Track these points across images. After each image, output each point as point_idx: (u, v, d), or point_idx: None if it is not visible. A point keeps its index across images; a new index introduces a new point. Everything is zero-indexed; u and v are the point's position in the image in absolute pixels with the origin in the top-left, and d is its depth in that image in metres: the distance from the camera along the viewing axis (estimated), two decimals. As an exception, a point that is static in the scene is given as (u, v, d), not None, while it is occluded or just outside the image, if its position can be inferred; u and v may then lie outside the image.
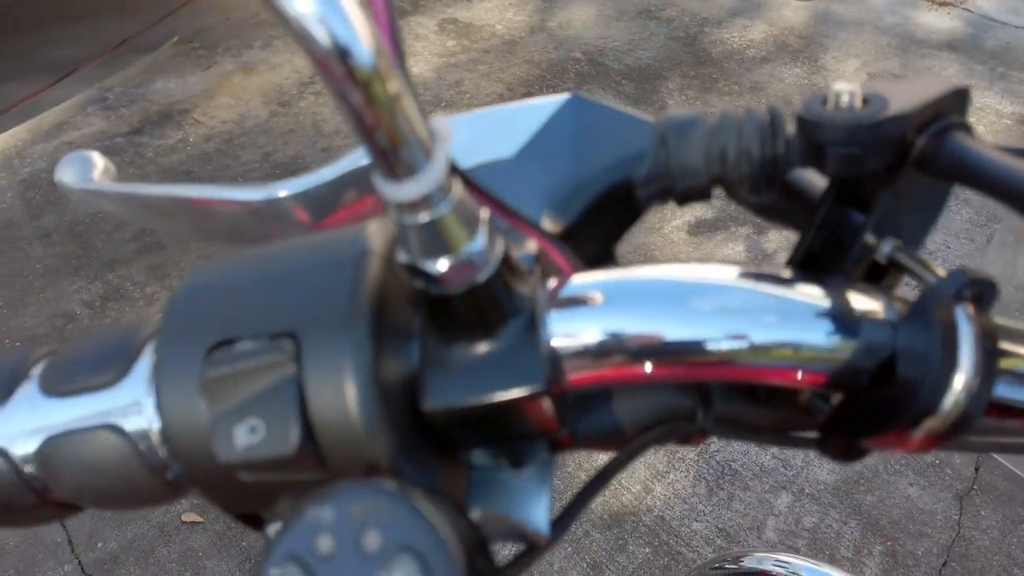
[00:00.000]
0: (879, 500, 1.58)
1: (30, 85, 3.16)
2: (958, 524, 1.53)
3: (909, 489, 1.59)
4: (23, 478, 0.23)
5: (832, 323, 0.22)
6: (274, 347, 0.20)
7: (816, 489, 1.61)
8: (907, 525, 1.54)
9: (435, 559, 0.17)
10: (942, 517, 1.55)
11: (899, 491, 1.59)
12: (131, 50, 3.35)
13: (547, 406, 0.22)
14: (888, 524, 1.54)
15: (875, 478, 1.62)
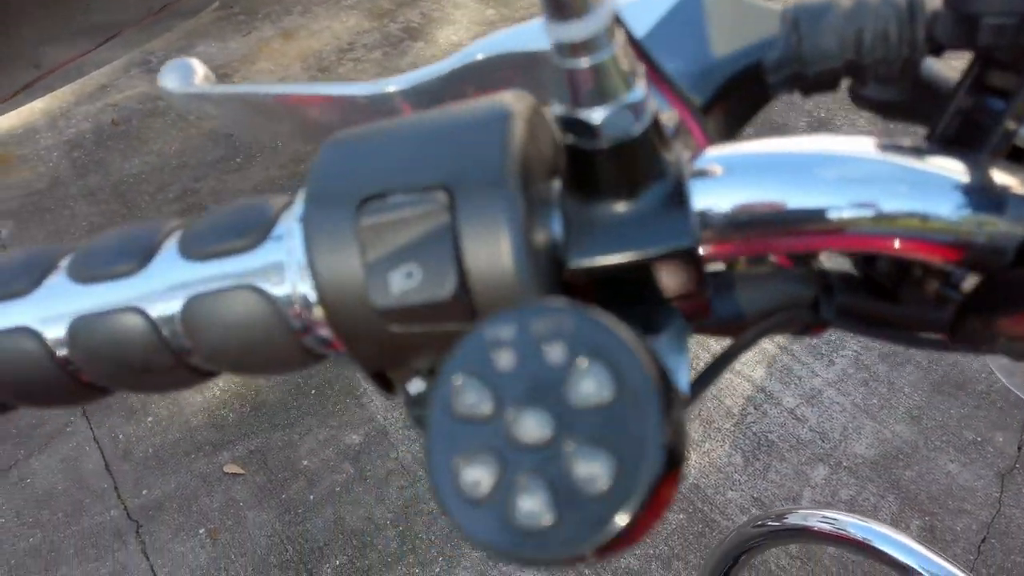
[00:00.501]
0: (918, 475, 1.57)
1: (74, 49, 3.20)
2: (999, 501, 1.52)
3: (949, 465, 1.58)
4: (162, 339, 0.23)
5: (973, 196, 0.21)
6: (428, 198, 0.20)
7: (854, 463, 1.60)
8: (946, 501, 1.52)
9: (627, 366, 0.16)
10: (982, 494, 1.53)
11: (939, 467, 1.58)
12: (173, 15, 3.37)
13: (690, 268, 0.22)
14: (927, 499, 1.53)
15: (915, 454, 1.60)
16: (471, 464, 0.17)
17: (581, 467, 0.16)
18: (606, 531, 0.16)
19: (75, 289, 0.24)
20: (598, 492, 0.16)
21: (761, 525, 0.81)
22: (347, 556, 1.50)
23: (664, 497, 0.17)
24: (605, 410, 0.16)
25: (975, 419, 1.65)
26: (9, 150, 2.67)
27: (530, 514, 0.16)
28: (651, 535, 1.50)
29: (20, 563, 1.53)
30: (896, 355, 1.78)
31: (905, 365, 1.77)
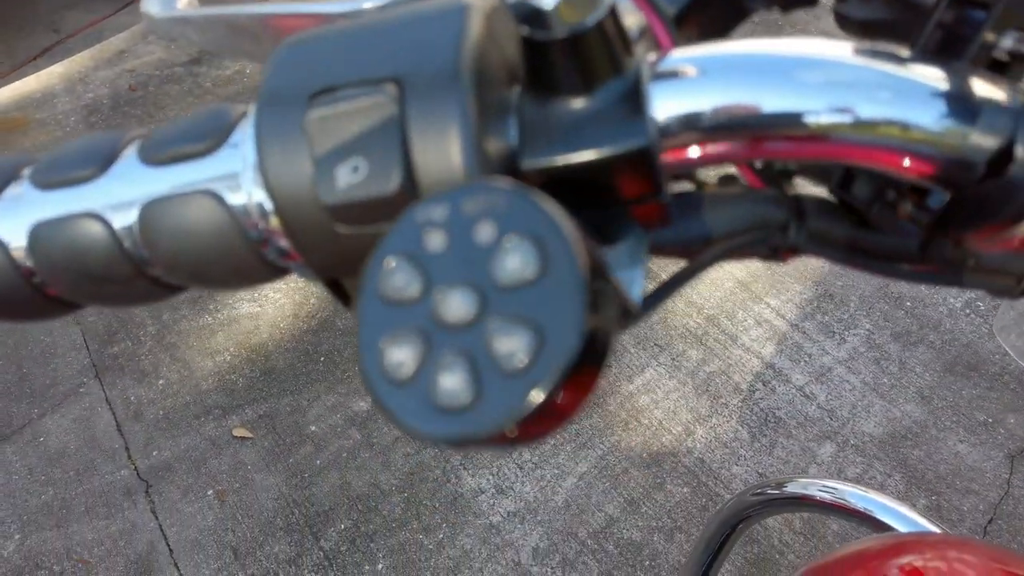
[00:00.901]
0: (926, 455, 1.55)
1: (93, 13, 3.21)
2: (1008, 483, 1.50)
3: (959, 446, 1.56)
4: (122, 248, 0.23)
5: (949, 105, 0.20)
6: (377, 90, 0.19)
7: (861, 441, 1.59)
8: (954, 481, 1.51)
9: (555, 243, 0.16)
10: (991, 475, 1.51)
11: (948, 447, 1.56)
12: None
13: (646, 170, 0.21)
14: (934, 479, 1.51)
15: (923, 433, 1.59)
16: (396, 345, 0.17)
17: (501, 344, 0.16)
18: (522, 406, 0.15)
19: (36, 195, 0.24)
20: (516, 368, 0.16)
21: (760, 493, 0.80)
22: (352, 520, 1.52)
23: (584, 385, 0.16)
24: (530, 289, 0.16)
25: (987, 400, 1.63)
26: (28, 114, 2.68)
27: (450, 392, 0.16)
28: (653, 506, 1.50)
29: (32, 519, 1.56)
30: (909, 335, 1.76)
31: (918, 345, 1.75)
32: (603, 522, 1.49)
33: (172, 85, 2.78)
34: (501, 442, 0.16)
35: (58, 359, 1.85)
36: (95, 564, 1.48)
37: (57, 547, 1.51)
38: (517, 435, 0.16)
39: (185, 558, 1.48)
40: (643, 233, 0.23)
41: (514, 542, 1.47)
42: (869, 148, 0.21)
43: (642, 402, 1.68)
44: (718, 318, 1.84)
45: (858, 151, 0.21)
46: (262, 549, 1.49)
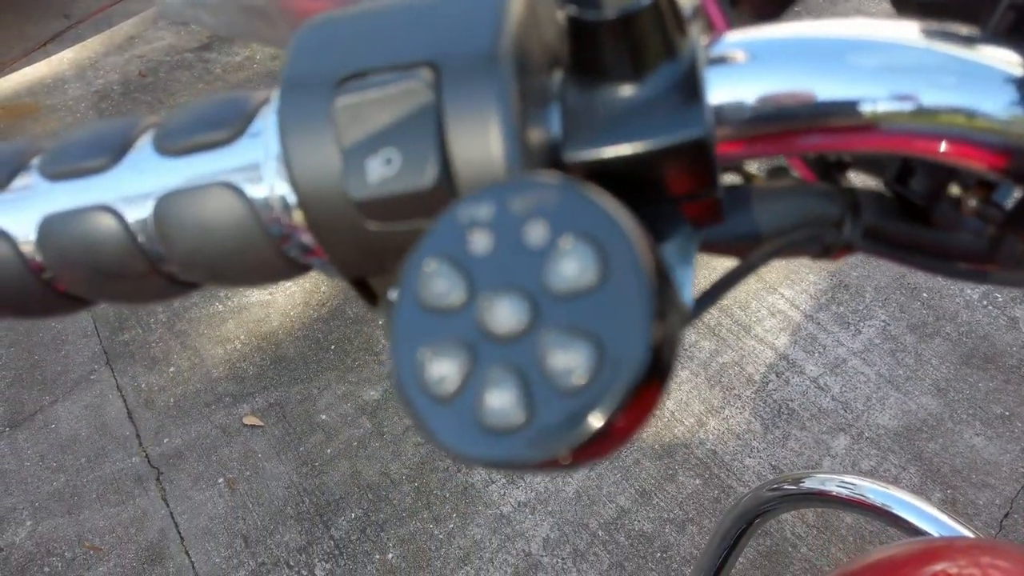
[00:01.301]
0: (942, 448, 1.54)
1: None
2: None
3: (975, 439, 1.54)
4: (135, 242, 0.22)
5: (1021, 91, 0.19)
6: (411, 75, 0.18)
7: (876, 433, 1.57)
8: (970, 475, 1.49)
9: (617, 248, 0.14)
10: (1008, 469, 1.50)
11: (964, 440, 1.54)
12: (200, -34, 3.34)
13: (701, 163, 0.20)
14: (950, 472, 1.50)
15: (939, 426, 1.57)
16: (438, 357, 0.15)
17: (557, 359, 0.14)
18: (580, 431, 0.14)
19: (45, 186, 0.22)
20: (573, 387, 0.14)
21: (777, 488, 0.79)
22: (363, 509, 1.51)
23: (646, 403, 0.15)
24: (588, 297, 0.15)
25: (1004, 393, 1.61)
26: (39, 99, 2.68)
27: (499, 412, 0.14)
28: (665, 498, 1.49)
29: (44, 505, 1.56)
30: (925, 326, 1.74)
31: (934, 337, 1.73)
32: (614, 513, 1.48)
33: (182, 71, 2.77)
34: (553, 467, 0.15)
35: (69, 346, 1.85)
36: (107, 551, 1.48)
37: (69, 534, 1.51)
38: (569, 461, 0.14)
39: (196, 545, 1.48)
40: (693, 231, 0.21)
41: (525, 532, 1.46)
42: (932, 138, 0.19)
43: (654, 393, 1.67)
44: (731, 308, 1.83)
45: (920, 142, 0.20)
46: (272, 537, 1.49)
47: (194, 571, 1.45)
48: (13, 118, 2.60)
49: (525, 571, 1.41)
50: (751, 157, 0.21)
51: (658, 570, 1.41)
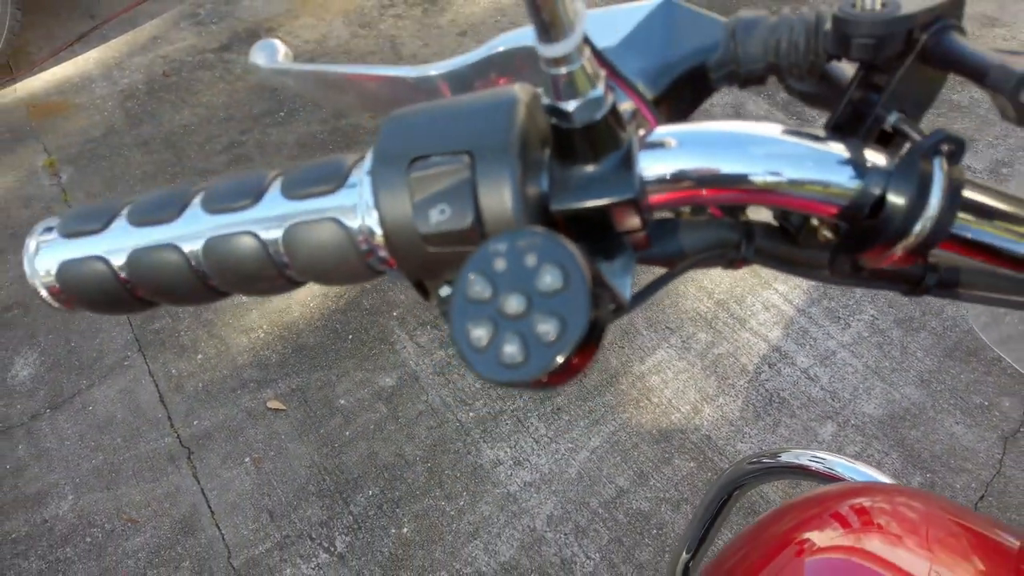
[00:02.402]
0: (923, 435, 1.63)
1: (127, 0, 3.30)
2: (1000, 463, 1.58)
3: (955, 427, 1.64)
4: (269, 255, 0.32)
5: (847, 170, 0.29)
6: (457, 159, 0.28)
7: (861, 421, 1.67)
8: (948, 460, 1.59)
9: (572, 268, 0.25)
10: (984, 455, 1.59)
11: (944, 428, 1.64)
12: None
13: (635, 212, 0.30)
14: (930, 457, 1.60)
15: (921, 415, 1.67)
16: (477, 327, 0.26)
17: (540, 328, 0.25)
18: (550, 365, 0.25)
19: (207, 218, 0.33)
20: (548, 343, 0.25)
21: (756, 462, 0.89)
22: (379, 487, 1.63)
23: (588, 353, 0.26)
24: (558, 295, 0.25)
25: (984, 384, 1.71)
26: (67, 98, 2.79)
27: (510, 356, 0.25)
28: (661, 479, 1.59)
29: (84, 481, 1.68)
30: (912, 321, 1.84)
31: (920, 331, 1.82)
32: (614, 493, 1.59)
33: (204, 71, 2.88)
34: (538, 385, 0.25)
35: (103, 334, 1.97)
36: (143, 523, 1.60)
37: (108, 507, 1.63)
38: (547, 381, 0.25)
39: (225, 519, 1.60)
40: (632, 252, 0.32)
41: (530, 510, 1.57)
42: (795, 198, 0.30)
43: (653, 382, 1.77)
44: (728, 303, 1.93)
45: (788, 200, 0.30)
46: (296, 512, 1.60)
47: (224, 542, 1.56)
48: (43, 116, 2.72)
49: (530, 545, 1.52)
50: (677, 205, 0.31)
51: (654, 546, 1.51)
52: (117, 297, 0.35)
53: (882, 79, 0.31)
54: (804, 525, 0.51)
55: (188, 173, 2.42)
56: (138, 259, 0.33)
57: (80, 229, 0.34)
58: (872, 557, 0.47)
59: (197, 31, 3.10)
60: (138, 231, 0.34)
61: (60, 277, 0.35)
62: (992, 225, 0.31)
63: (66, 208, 2.35)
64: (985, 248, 0.31)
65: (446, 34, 2.97)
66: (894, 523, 0.51)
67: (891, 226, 0.28)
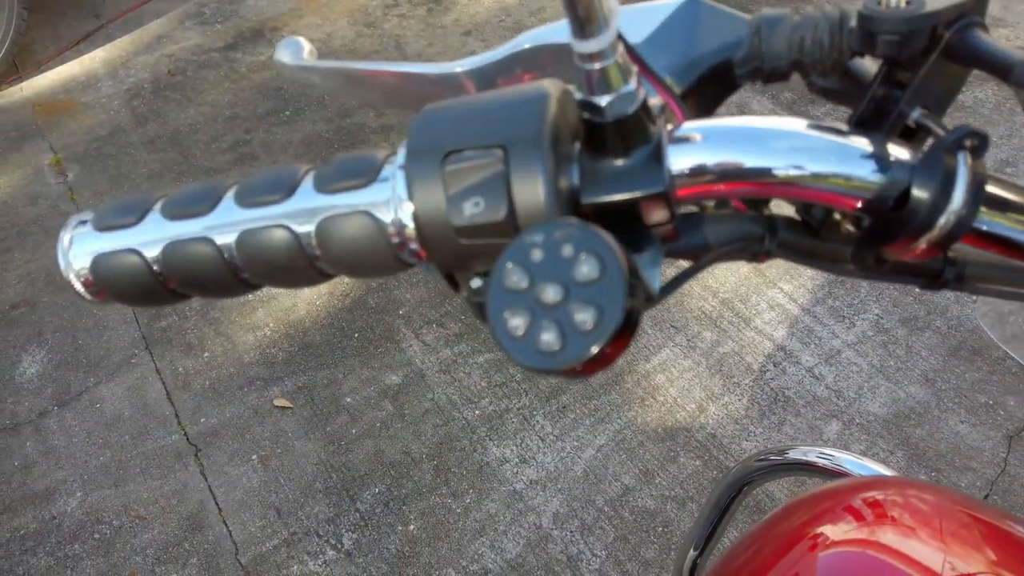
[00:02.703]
0: (928, 434, 1.64)
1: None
2: (1004, 461, 1.58)
3: (959, 426, 1.64)
4: (301, 247, 0.33)
5: (870, 163, 0.30)
6: (490, 153, 0.29)
7: (867, 420, 1.67)
8: (953, 459, 1.60)
9: (609, 258, 0.26)
10: (989, 454, 1.60)
11: (949, 427, 1.65)
12: (225, -33, 3.45)
13: (664, 205, 0.31)
14: (934, 456, 1.60)
15: (926, 414, 1.67)
16: (515, 316, 0.26)
17: (577, 317, 0.26)
18: (586, 354, 0.25)
19: (240, 212, 0.33)
20: (585, 331, 0.25)
21: (764, 459, 0.90)
22: (385, 485, 1.63)
23: (623, 342, 0.26)
24: (595, 285, 0.26)
25: (989, 383, 1.71)
26: (74, 97, 2.80)
27: (547, 343, 0.26)
28: (667, 477, 1.60)
29: (92, 478, 1.69)
30: (916, 320, 1.84)
31: (925, 330, 1.82)
32: (619, 491, 1.59)
33: (209, 70, 2.88)
34: (572, 373, 0.26)
35: (110, 332, 1.98)
36: (151, 520, 1.61)
37: (115, 504, 1.64)
38: (581, 369, 0.25)
39: (233, 516, 1.60)
40: (660, 245, 0.32)
41: (536, 508, 1.58)
42: (818, 191, 0.30)
43: (658, 380, 1.78)
44: (733, 302, 1.93)
45: (811, 193, 0.31)
46: (303, 509, 1.61)
47: (231, 539, 1.57)
48: (50, 114, 2.73)
49: (536, 543, 1.53)
50: (703, 199, 0.32)
51: (659, 544, 1.52)
52: (150, 289, 0.35)
53: (905, 75, 0.31)
54: (816, 520, 0.52)
55: (194, 172, 2.43)
56: (172, 252, 0.34)
57: (114, 223, 0.35)
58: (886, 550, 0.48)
59: (202, 30, 3.11)
60: (172, 224, 0.34)
61: (94, 270, 0.35)
62: (1013, 219, 0.32)
63: (72, 207, 2.36)
64: (1006, 242, 0.32)
65: (450, 34, 2.97)
66: (907, 515, 0.52)
67: (916, 219, 0.29)
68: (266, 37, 3.04)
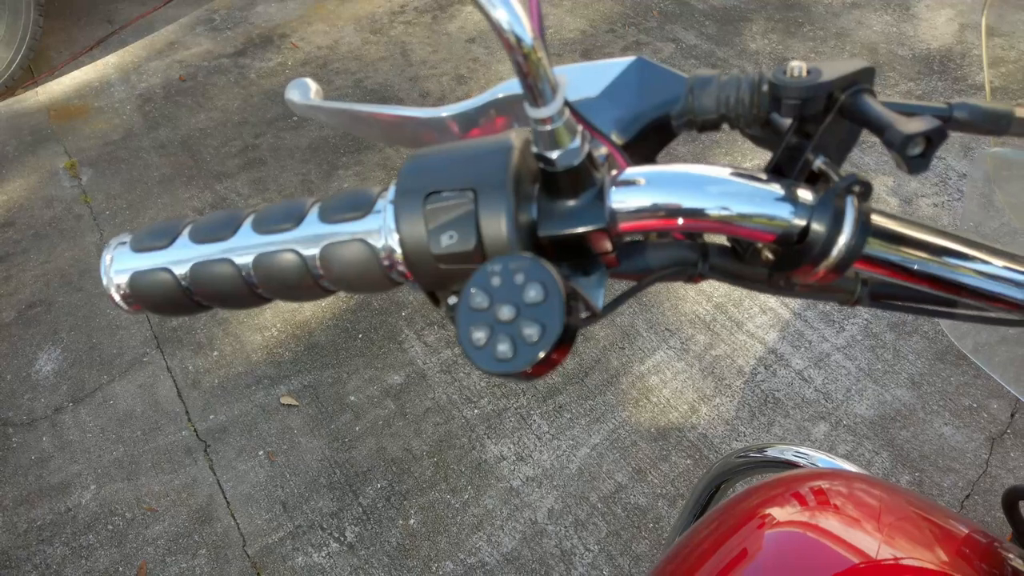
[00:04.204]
0: (913, 436, 1.69)
1: (145, 5, 3.39)
2: (986, 463, 1.64)
3: (944, 428, 1.70)
4: (307, 268, 0.39)
5: (780, 205, 0.36)
6: (463, 195, 0.35)
7: (853, 422, 1.73)
8: (937, 459, 1.65)
9: (551, 286, 0.32)
10: (972, 456, 1.65)
11: (934, 429, 1.70)
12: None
13: (606, 238, 0.37)
14: (919, 457, 1.65)
15: (912, 416, 1.72)
16: (477, 330, 0.33)
17: (525, 331, 0.32)
18: (532, 360, 0.31)
19: (256, 237, 0.40)
20: (532, 343, 0.32)
21: (744, 456, 0.95)
22: (387, 481, 1.69)
23: (563, 350, 0.32)
24: (540, 306, 0.32)
25: (973, 387, 1.76)
26: (87, 101, 2.87)
27: (502, 353, 0.32)
28: (659, 475, 1.65)
29: (105, 472, 1.75)
30: (905, 325, 1.89)
31: (912, 335, 1.88)
32: (612, 488, 1.65)
33: (219, 76, 2.95)
34: (524, 376, 0.32)
35: (123, 331, 2.05)
36: (162, 512, 1.67)
37: (128, 497, 1.71)
38: (531, 372, 0.32)
39: (240, 509, 1.67)
40: (605, 269, 0.38)
41: (532, 504, 1.64)
42: (740, 227, 0.36)
43: (652, 382, 1.84)
44: (726, 306, 1.99)
45: (736, 229, 0.36)
46: (308, 503, 1.67)
47: (239, 531, 1.64)
48: (65, 119, 2.80)
49: (532, 537, 1.59)
50: (644, 232, 0.38)
51: (650, 539, 1.58)
52: (178, 302, 0.42)
53: (812, 128, 0.37)
54: (767, 503, 0.58)
55: (204, 176, 2.50)
56: (198, 270, 0.40)
57: (149, 245, 0.41)
58: (826, 533, 0.54)
59: (213, 37, 3.18)
60: (199, 247, 0.40)
61: (131, 285, 0.42)
62: (898, 249, 0.38)
63: (86, 209, 2.43)
64: (894, 266, 0.38)
65: (455, 41, 3.04)
66: (850, 504, 0.57)
67: (814, 250, 0.35)
68: (275, 44, 3.11)
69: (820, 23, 2.95)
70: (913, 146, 0.32)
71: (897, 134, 0.32)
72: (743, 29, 2.96)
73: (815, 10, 3.03)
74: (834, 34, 2.88)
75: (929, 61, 2.74)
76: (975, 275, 0.40)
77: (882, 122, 0.33)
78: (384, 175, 2.44)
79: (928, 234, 0.39)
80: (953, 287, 0.40)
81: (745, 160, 2.36)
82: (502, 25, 0.32)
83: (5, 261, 2.28)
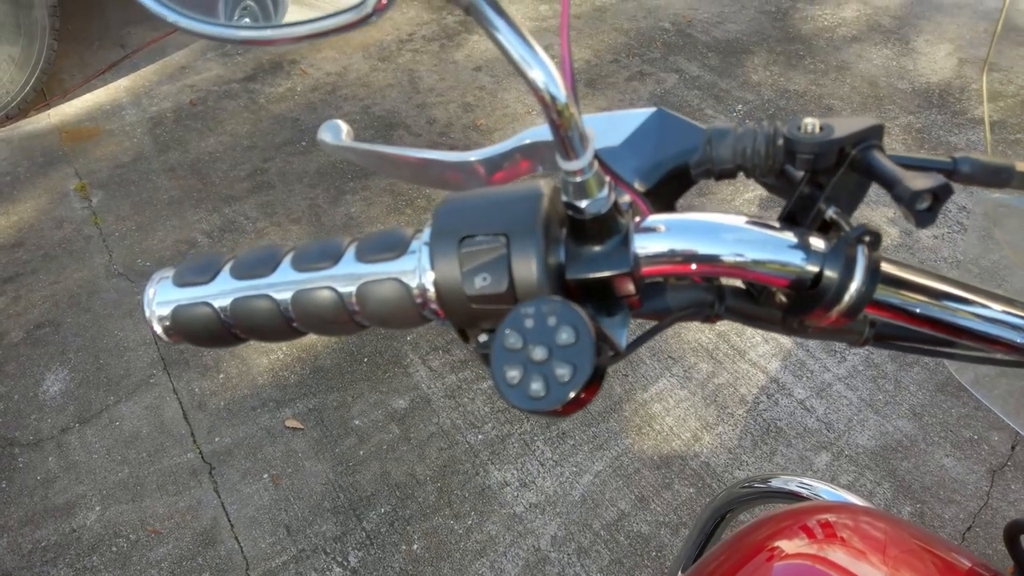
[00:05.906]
0: (914, 467, 1.70)
1: (156, 30, 3.44)
2: (987, 495, 1.64)
3: (945, 460, 1.71)
4: (344, 304, 0.41)
5: (794, 252, 0.38)
6: (496, 240, 0.37)
7: (855, 452, 1.74)
8: (938, 491, 1.66)
9: (582, 329, 0.34)
10: (973, 487, 1.66)
11: (935, 460, 1.71)
12: (246, 1, 3.58)
13: (630, 281, 0.39)
14: (920, 489, 1.66)
15: (913, 447, 1.73)
16: (511, 369, 0.35)
17: (558, 371, 0.34)
18: (563, 399, 0.33)
19: (295, 274, 0.42)
20: (564, 383, 0.34)
21: (748, 486, 0.97)
22: (391, 505, 1.70)
23: (592, 390, 0.34)
24: (571, 348, 0.34)
25: (974, 419, 1.78)
26: (99, 124, 2.91)
27: (535, 391, 0.34)
28: (662, 503, 1.66)
29: (110, 493, 1.76)
30: (906, 356, 1.91)
31: (913, 366, 1.89)
32: (615, 516, 1.66)
33: (229, 100, 3.00)
34: (555, 414, 0.34)
35: (130, 352, 2.06)
36: (166, 534, 1.68)
37: (133, 519, 1.71)
38: (561, 411, 0.34)
39: (244, 532, 1.67)
40: (628, 310, 0.40)
41: (535, 530, 1.64)
42: (755, 273, 0.38)
43: (655, 409, 1.85)
44: (728, 334, 2.00)
45: (751, 275, 0.39)
46: (311, 527, 1.67)
47: (243, 555, 1.64)
48: (76, 141, 2.84)
49: (535, 564, 1.59)
50: (665, 275, 0.40)
51: (653, 567, 1.58)
52: (218, 335, 0.44)
53: (825, 180, 0.39)
54: (776, 536, 0.59)
55: (213, 199, 2.53)
56: (238, 305, 0.42)
57: (191, 280, 0.43)
58: (834, 566, 0.55)
59: (223, 62, 3.23)
60: (239, 283, 0.42)
61: (173, 317, 0.44)
62: (905, 294, 0.40)
63: (95, 231, 2.45)
64: (902, 311, 0.40)
65: (461, 69, 3.08)
66: (856, 537, 0.59)
67: (827, 296, 0.37)
68: (284, 69, 3.16)
69: (821, 56, 3.00)
70: (921, 201, 0.35)
71: (906, 190, 0.34)
72: (745, 61, 3.01)
73: (816, 43, 3.08)
74: (835, 67, 2.93)
75: (929, 95, 2.78)
76: (975, 319, 0.42)
77: (891, 178, 0.35)
78: (391, 200, 2.47)
79: (932, 280, 0.41)
80: (954, 330, 0.42)
81: (748, 189, 2.39)
82: (538, 84, 0.34)
83: (15, 281, 2.30)
